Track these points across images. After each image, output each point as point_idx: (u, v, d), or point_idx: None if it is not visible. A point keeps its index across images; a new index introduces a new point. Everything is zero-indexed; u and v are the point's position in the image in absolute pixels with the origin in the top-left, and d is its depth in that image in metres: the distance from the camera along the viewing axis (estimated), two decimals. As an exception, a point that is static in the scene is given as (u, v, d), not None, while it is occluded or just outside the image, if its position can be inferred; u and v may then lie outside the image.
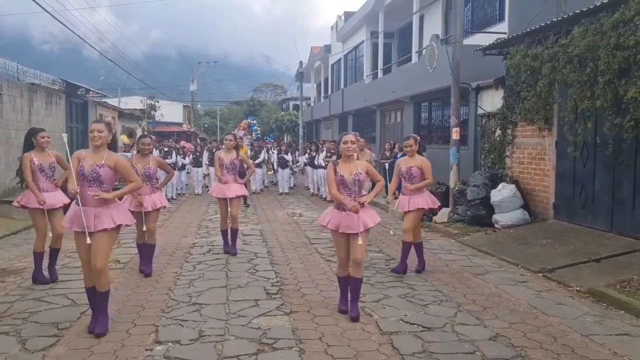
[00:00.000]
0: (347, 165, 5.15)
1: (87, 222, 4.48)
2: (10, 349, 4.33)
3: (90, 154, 4.64)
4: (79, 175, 4.56)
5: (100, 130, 4.60)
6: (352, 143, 5.11)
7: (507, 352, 4.34)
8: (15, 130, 14.56)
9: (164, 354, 4.21)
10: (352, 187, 5.10)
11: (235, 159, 8.00)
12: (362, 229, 4.97)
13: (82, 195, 4.55)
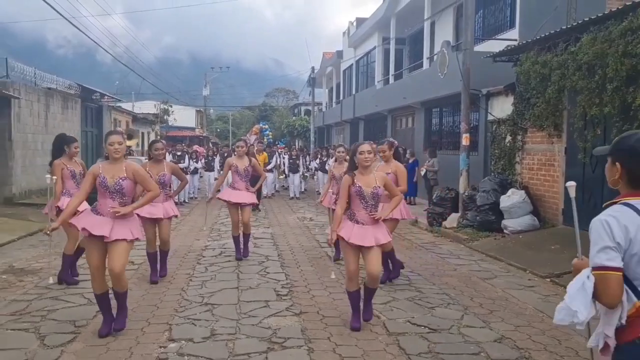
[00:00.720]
0: (365, 176, 4.90)
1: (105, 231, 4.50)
2: (30, 345, 4.50)
3: (108, 166, 4.65)
4: (102, 186, 4.57)
5: (120, 143, 4.62)
6: (368, 153, 4.87)
7: (512, 354, 4.43)
8: (32, 134, 14.87)
9: (177, 351, 4.35)
10: (369, 201, 4.86)
11: (249, 166, 7.85)
12: (374, 243, 4.81)
13: (102, 206, 4.59)
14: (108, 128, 22.36)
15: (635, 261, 2.05)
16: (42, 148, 15.49)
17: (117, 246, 4.55)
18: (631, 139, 2.22)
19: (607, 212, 2.13)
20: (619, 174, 2.21)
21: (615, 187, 2.28)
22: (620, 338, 2.08)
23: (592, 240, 2.11)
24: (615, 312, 2.06)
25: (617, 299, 2.02)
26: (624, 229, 2.05)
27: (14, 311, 5.42)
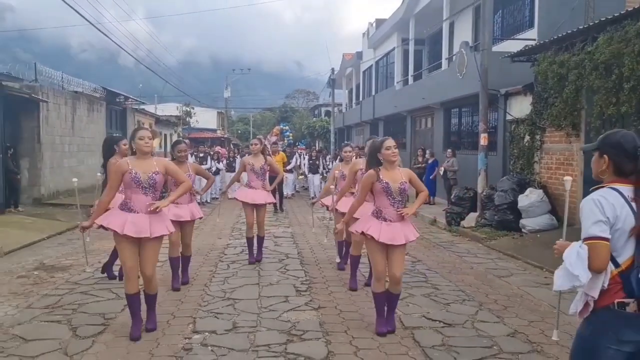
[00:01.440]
0: (391, 172, 4.73)
1: (143, 228, 4.48)
2: (63, 336, 4.76)
3: (137, 162, 4.58)
4: (134, 182, 4.51)
5: (150, 137, 4.63)
6: (395, 147, 4.74)
7: (524, 347, 4.56)
8: (60, 137, 15.31)
9: (202, 342, 4.57)
10: (396, 197, 4.70)
11: (265, 164, 7.69)
12: (404, 240, 4.69)
13: (136, 202, 4.55)
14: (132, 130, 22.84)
15: (617, 236, 2.39)
16: (69, 150, 15.95)
17: (150, 245, 4.57)
18: (617, 135, 2.58)
19: (597, 193, 2.48)
20: (606, 165, 2.55)
21: (601, 177, 2.60)
22: (598, 302, 2.40)
23: (584, 216, 2.44)
24: (600, 277, 2.37)
25: (605, 264, 2.36)
26: (612, 207, 2.40)
27: (47, 305, 5.71)
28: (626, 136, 2.55)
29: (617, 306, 2.38)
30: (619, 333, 2.38)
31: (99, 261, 7.87)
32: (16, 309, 5.55)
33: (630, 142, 2.50)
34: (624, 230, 2.39)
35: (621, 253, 2.40)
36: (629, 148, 2.49)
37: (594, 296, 2.40)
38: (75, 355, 4.31)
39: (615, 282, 2.39)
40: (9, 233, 9.92)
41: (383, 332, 4.77)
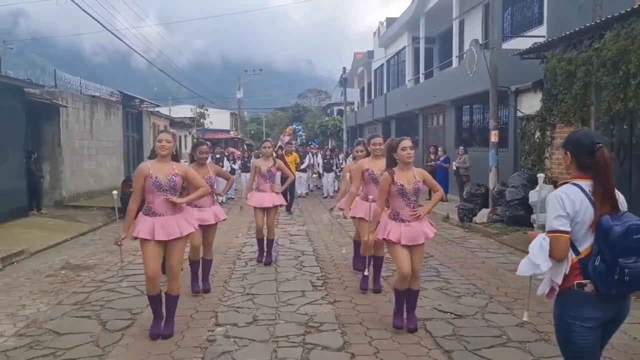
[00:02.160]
0: (405, 173, 4.77)
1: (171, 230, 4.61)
2: (94, 329, 5.05)
3: (157, 165, 4.72)
4: (155, 186, 4.63)
5: (168, 141, 4.74)
6: (410, 149, 4.76)
7: (531, 336, 4.76)
8: (79, 140, 15.70)
9: (224, 334, 4.84)
10: (411, 197, 4.76)
11: (272, 167, 7.72)
12: (424, 239, 4.79)
13: (159, 205, 4.65)
14: (147, 132, 23.25)
15: (577, 228, 2.69)
16: (87, 153, 16.34)
17: (174, 246, 4.68)
18: (578, 133, 2.92)
19: (560, 190, 2.76)
20: (569, 161, 2.84)
21: (568, 171, 2.90)
22: (562, 285, 2.73)
23: (548, 211, 2.73)
24: (562, 265, 2.70)
25: (565, 254, 2.67)
26: (572, 202, 2.68)
27: (76, 302, 6.01)
28: (586, 133, 2.90)
29: (576, 287, 2.68)
30: (581, 311, 2.69)
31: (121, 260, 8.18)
32: (47, 306, 5.86)
33: (588, 138, 2.77)
34: (584, 222, 2.67)
35: (582, 243, 2.70)
36: (587, 144, 2.73)
37: (558, 282, 2.71)
38: (106, 347, 4.59)
39: (575, 268, 2.69)
40: (34, 234, 10.28)
41: (400, 325, 4.85)
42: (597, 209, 2.66)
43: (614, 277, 2.56)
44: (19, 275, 7.44)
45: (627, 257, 2.55)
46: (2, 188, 11.10)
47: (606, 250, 2.60)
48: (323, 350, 4.44)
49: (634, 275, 2.53)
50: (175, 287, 4.86)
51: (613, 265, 2.56)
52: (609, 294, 2.61)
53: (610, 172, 2.74)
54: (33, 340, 4.78)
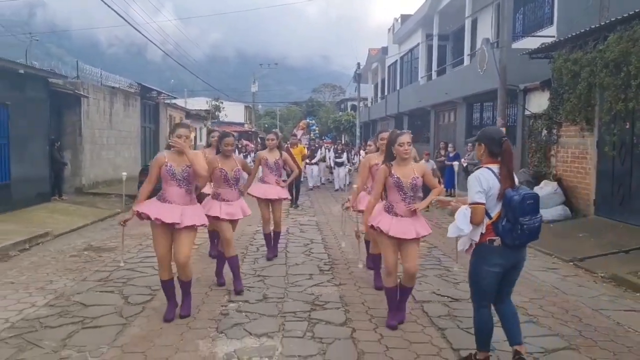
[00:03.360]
0: (403, 167, 4.73)
1: (175, 218, 4.70)
2: (117, 302, 5.50)
3: (173, 156, 4.80)
4: (169, 174, 4.74)
5: (187, 136, 4.81)
6: (408, 144, 4.69)
7: (521, 318, 5.03)
8: (99, 130, 16.22)
9: (237, 309, 5.26)
10: (408, 192, 4.69)
11: (279, 159, 7.52)
12: (415, 235, 4.67)
13: (171, 194, 4.78)
14: (164, 124, 23.78)
15: (490, 199, 3.68)
16: (107, 143, 16.87)
17: (183, 235, 4.75)
18: (489, 130, 3.93)
19: (477, 172, 3.74)
20: (483, 151, 3.82)
21: (480, 159, 3.90)
22: (478, 242, 3.74)
23: (470, 188, 3.71)
24: (479, 228, 3.70)
25: (481, 220, 3.67)
26: (486, 180, 3.68)
27: (100, 279, 6.47)
28: (496, 130, 4.04)
29: (488, 242, 3.69)
30: (491, 259, 3.72)
31: (139, 243, 8.67)
32: (73, 282, 6.32)
33: (498, 134, 3.83)
34: (494, 195, 3.67)
35: (493, 210, 3.70)
36: (497, 138, 3.76)
37: (475, 240, 3.74)
38: (129, 317, 5.03)
39: (489, 228, 3.70)
40: (57, 219, 10.79)
41: (393, 325, 4.80)
42: (502, 184, 3.67)
43: (517, 231, 3.59)
44: (44, 254, 7.92)
45: (524, 216, 3.59)
46: (27, 174, 11.61)
47: (510, 213, 3.60)
48: (327, 325, 4.85)
49: (530, 229, 3.61)
50: (186, 274, 4.93)
51: (515, 223, 3.59)
52: (514, 245, 3.64)
53: (512, 158, 3.80)
54: (62, 310, 5.23)
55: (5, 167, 10.86)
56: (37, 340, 4.44)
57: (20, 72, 11.03)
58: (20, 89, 11.39)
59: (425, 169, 4.93)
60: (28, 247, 8.36)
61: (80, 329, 4.71)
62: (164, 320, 4.90)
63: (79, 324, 4.85)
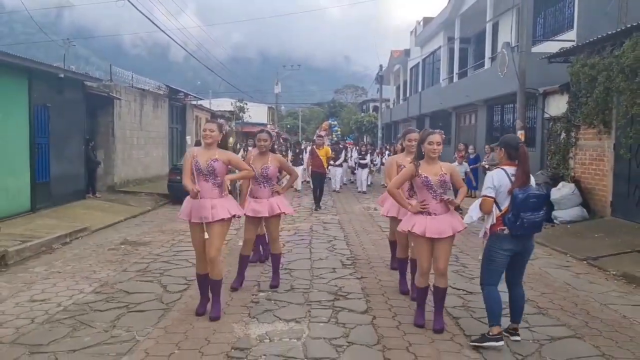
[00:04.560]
0: (431, 166, 4.76)
1: (205, 213, 4.85)
2: (157, 290, 6.00)
3: (202, 151, 5.01)
4: (196, 169, 4.92)
5: (212, 130, 4.98)
6: (438, 144, 4.73)
7: (531, 310, 5.47)
8: (130, 130, 16.87)
9: (266, 297, 5.72)
10: (438, 190, 4.73)
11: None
12: (452, 232, 4.70)
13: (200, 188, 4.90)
14: (190, 124, 24.43)
15: (500, 195, 4.42)
16: (137, 143, 17.52)
17: (212, 229, 4.90)
18: (508, 137, 4.66)
19: (493, 172, 4.52)
20: (502, 154, 4.54)
21: (500, 161, 4.61)
22: (491, 230, 4.46)
23: (484, 184, 4.47)
24: (490, 218, 4.44)
25: (489, 210, 4.42)
26: (498, 179, 4.42)
27: (138, 270, 6.98)
28: (513, 137, 4.71)
29: (499, 231, 4.40)
30: (502, 244, 4.42)
31: (172, 238, 9.19)
32: (115, 272, 6.85)
33: (514, 140, 4.55)
34: (504, 192, 4.38)
35: (503, 204, 4.40)
36: (514, 144, 4.47)
37: (488, 228, 4.47)
38: (169, 303, 5.52)
39: (499, 220, 4.41)
40: (93, 215, 11.39)
41: (420, 323, 4.89)
42: (512, 183, 4.36)
43: (519, 224, 4.29)
44: (85, 247, 8.48)
45: (526, 212, 4.29)
46: (65, 172, 12.26)
47: (514, 209, 4.30)
48: (349, 312, 5.27)
49: (530, 223, 4.29)
50: (216, 272, 5.02)
51: (517, 217, 4.29)
52: (517, 235, 4.35)
53: (527, 160, 4.47)
54: (108, 296, 5.74)
55: (45, 166, 11.50)
56: (89, 321, 4.95)
57: (60, 76, 11.66)
58: (59, 92, 12.03)
59: (453, 168, 4.96)
60: (69, 241, 8.94)
61: (126, 313, 5.21)
62: (195, 313, 5.10)
63: (124, 308, 5.35)
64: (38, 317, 5.07)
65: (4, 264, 7.14)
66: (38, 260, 7.53)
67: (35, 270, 6.92)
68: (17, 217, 10.28)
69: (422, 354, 4.30)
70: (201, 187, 4.90)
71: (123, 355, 4.18)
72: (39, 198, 11.17)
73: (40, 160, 11.31)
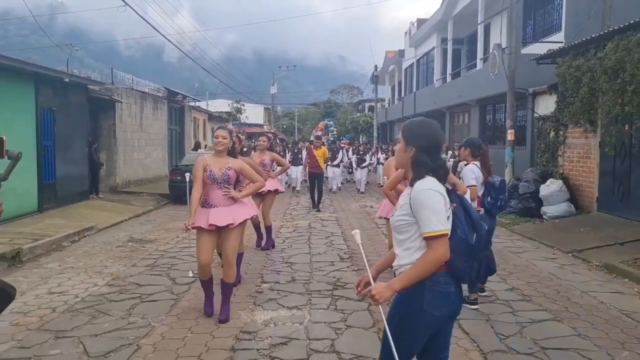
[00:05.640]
0: None
1: (224, 218, 4.89)
2: (166, 283, 6.39)
3: (214, 159, 5.00)
4: (210, 179, 4.90)
5: (224, 137, 5.00)
6: None
7: (515, 297, 5.89)
8: (131, 132, 17.24)
9: (269, 288, 6.12)
10: None
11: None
12: None
13: (214, 197, 4.95)
14: (189, 126, 24.79)
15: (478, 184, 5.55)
16: (137, 145, 17.89)
17: (230, 233, 4.95)
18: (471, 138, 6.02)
19: (469, 166, 5.59)
20: (467, 152, 5.69)
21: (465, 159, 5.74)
22: None
23: (466, 177, 5.48)
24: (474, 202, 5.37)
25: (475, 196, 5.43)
26: (476, 172, 5.53)
27: (147, 264, 7.37)
28: (476, 138, 6.00)
29: None
30: None
31: (176, 235, 9.58)
32: (125, 267, 7.24)
33: (478, 141, 5.80)
34: (480, 181, 5.52)
35: (480, 190, 5.51)
36: (477, 144, 5.68)
37: None
38: (179, 294, 5.92)
39: (479, 201, 5.54)
40: (98, 214, 11.77)
41: None
42: (484, 175, 5.55)
43: (497, 204, 5.58)
44: (93, 245, 8.87)
45: (501, 194, 5.60)
46: (70, 174, 12.64)
47: (493, 193, 5.53)
48: (347, 300, 5.68)
49: (504, 203, 5.66)
50: (231, 274, 5.08)
51: (497, 199, 5.55)
52: (493, 213, 5.65)
53: (488, 157, 5.71)
54: (121, 289, 6.14)
55: (51, 168, 11.87)
56: (106, 310, 5.35)
57: (65, 81, 12.03)
58: (64, 96, 12.41)
59: None
60: (77, 239, 9.32)
61: (140, 302, 5.61)
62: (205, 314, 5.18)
63: (137, 299, 5.75)
64: (58, 307, 5.47)
65: (19, 260, 7.52)
66: (50, 257, 7.91)
67: (49, 266, 7.31)
68: (26, 217, 10.65)
69: (414, 335, 4.71)
70: (216, 196, 4.94)
71: (141, 338, 4.58)
72: (45, 199, 11.55)
73: (46, 162, 11.69)
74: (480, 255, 2.62)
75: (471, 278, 2.60)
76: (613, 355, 4.32)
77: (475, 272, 2.59)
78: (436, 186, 2.52)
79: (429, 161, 2.56)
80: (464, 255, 2.52)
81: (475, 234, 2.56)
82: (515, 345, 4.52)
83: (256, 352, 4.31)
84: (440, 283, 2.52)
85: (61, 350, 4.36)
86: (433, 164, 2.56)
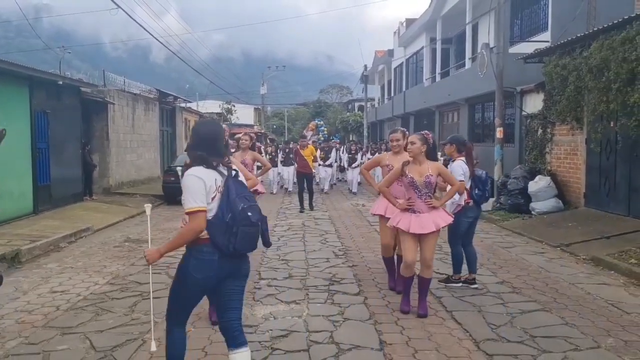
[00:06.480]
0: (418, 166, 5.04)
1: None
2: (166, 281, 6.52)
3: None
4: None
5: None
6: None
7: (506, 289, 6.10)
8: (123, 134, 17.31)
9: (267, 284, 6.29)
10: (422, 190, 5.01)
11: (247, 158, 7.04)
12: (434, 228, 5.00)
13: None
14: (180, 127, 24.85)
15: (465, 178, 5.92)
16: (130, 146, 17.96)
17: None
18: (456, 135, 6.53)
19: (457, 162, 5.94)
20: (453, 149, 6.00)
21: (450, 155, 6.12)
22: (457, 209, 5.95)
23: (455, 172, 5.68)
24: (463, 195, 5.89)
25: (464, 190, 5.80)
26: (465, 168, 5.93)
27: (145, 264, 7.40)
28: (460, 136, 6.68)
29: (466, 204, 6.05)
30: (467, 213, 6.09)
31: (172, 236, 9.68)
32: (124, 266, 7.37)
33: (462, 137, 6.25)
34: (467, 176, 5.89)
35: (467, 184, 5.88)
36: (461, 140, 6.08)
37: (462, 203, 5.98)
38: (179, 291, 6.05)
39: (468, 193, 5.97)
40: (93, 216, 11.86)
41: (405, 309, 5.22)
42: (470, 169, 5.85)
43: (485, 195, 6.12)
44: (91, 245, 8.98)
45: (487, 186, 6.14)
46: (64, 176, 12.71)
47: (480, 185, 5.99)
48: (344, 295, 5.86)
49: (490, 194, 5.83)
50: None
51: (484, 191, 6.06)
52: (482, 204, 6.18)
53: (472, 153, 6.04)
54: (122, 287, 6.28)
55: (46, 170, 11.95)
56: (109, 307, 5.49)
57: (59, 83, 12.11)
58: (57, 98, 12.49)
59: (440, 167, 5.15)
60: (74, 240, 9.42)
61: (141, 300, 5.76)
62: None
63: (139, 296, 5.89)
64: (62, 305, 5.60)
65: (18, 261, 7.63)
66: (49, 258, 8.02)
67: (48, 267, 7.43)
68: (22, 219, 10.73)
69: (409, 326, 4.90)
70: None
71: (145, 333, 4.73)
72: (40, 200, 11.63)
73: (41, 164, 11.76)
74: (235, 231, 3.05)
75: (229, 250, 3.07)
76: (599, 342, 4.53)
77: (232, 246, 3.05)
78: (198, 172, 3.06)
79: (204, 154, 3.13)
80: (221, 230, 3.04)
81: (230, 213, 3.04)
82: (506, 334, 4.71)
83: (258, 344, 4.47)
84: (203, 252, 3.10)
85: (68, 345, 4.50)
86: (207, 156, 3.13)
